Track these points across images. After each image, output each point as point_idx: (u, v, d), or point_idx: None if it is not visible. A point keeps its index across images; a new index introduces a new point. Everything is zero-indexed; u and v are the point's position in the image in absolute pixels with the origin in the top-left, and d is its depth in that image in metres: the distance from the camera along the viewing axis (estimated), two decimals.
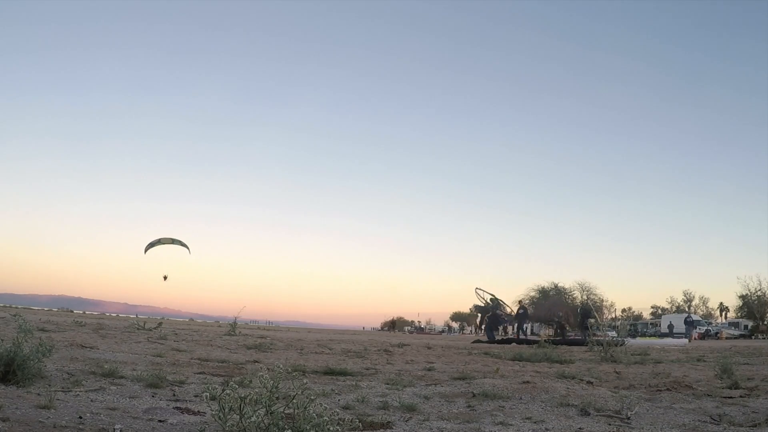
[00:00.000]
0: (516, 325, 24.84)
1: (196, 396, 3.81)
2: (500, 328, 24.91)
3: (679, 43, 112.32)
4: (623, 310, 66.00)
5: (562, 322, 27.69)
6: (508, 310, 26.36)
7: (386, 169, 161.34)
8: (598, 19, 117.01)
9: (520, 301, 29.73)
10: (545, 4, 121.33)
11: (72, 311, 32.81)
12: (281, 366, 2.49)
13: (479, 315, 26.60)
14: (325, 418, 2.21)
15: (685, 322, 33.36)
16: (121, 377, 4.38)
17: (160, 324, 14.07)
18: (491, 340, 22.29)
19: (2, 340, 3.97)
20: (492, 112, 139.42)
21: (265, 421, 2.23)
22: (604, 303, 52.42)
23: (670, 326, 38.93)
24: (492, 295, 26.02)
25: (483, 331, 26.63)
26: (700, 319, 46.87)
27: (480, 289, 26.11)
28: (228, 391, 2.29)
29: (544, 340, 15.39)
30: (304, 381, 2.52)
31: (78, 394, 3.54)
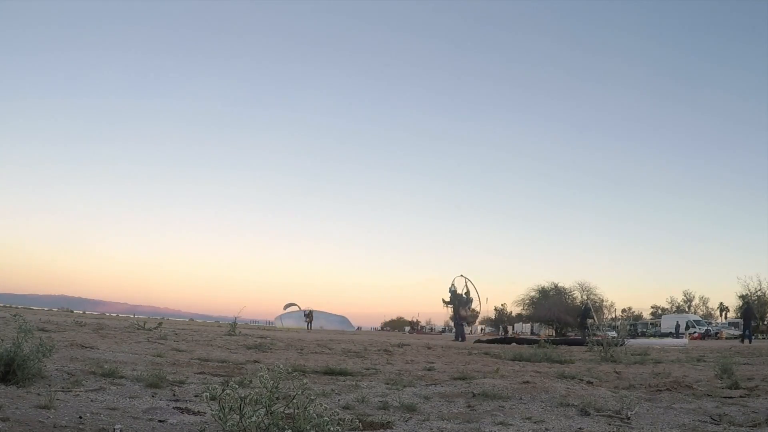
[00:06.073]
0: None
1: (196, 396, 3.81)
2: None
3: (680, 46, 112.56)
4: (623, 310, 66.07)
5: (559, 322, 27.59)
6: (471, 309, 25.46)
7: (386, 169, 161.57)
8: (598, 21, 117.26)
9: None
10: (544, 7, 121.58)
11: (72, 311, 32.71)
12: (281, 366, 2.49)
13: (449, 304, 25.47)
14: (325, 418, 2.21)
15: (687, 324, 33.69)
16: (121, 377, 4.38)
17: (160, 324, 14.05)
18: (461, 337, 22.03)
19: (2, 340, 3.97)
20: (492, 114, 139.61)
21: (265, 421, 2.23)
22: (604, 303, 52.48)
23: (677, 326, 39.42)
24: (468, 292, 24.99)
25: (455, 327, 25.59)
26: (700, 318, 47.05)
27: (468, 280, 25.20)
28: (228, 391, 2.29)
29: (544, 340, 15.37)
30: (304, 381, 2.52)
31: (78, 394, 3.54)
